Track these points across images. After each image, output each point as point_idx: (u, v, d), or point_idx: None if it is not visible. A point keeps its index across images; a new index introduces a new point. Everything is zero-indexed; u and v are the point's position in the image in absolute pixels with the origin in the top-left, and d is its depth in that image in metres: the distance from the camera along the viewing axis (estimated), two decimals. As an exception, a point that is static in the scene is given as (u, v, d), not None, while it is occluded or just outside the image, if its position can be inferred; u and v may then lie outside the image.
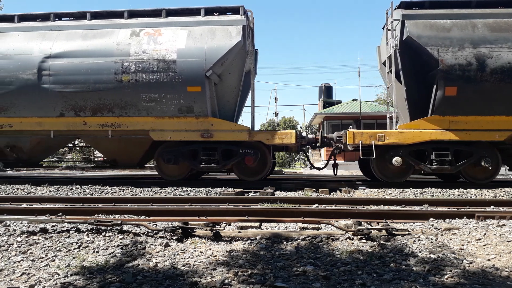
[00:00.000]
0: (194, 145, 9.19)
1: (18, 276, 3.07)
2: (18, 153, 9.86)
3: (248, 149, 9.04)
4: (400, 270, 3.08)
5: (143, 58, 8.85)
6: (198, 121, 9.04)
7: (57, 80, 9.01)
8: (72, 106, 9.13)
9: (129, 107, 9.03)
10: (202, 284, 2.80)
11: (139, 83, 8.84)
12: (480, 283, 2.81)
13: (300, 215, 4.96)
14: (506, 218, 4.72)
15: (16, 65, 9.14)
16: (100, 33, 9.28)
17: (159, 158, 9.38)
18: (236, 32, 8.99)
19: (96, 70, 8.92)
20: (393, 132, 8.75)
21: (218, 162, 9.06)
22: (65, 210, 5.34)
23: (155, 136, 9.09)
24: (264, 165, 9.28)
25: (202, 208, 5.44)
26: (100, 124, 9.21)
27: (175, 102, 8.91)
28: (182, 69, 8.74)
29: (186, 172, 9.47)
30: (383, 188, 8.28)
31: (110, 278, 2.92)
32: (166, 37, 9.03)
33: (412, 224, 4.65)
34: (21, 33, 9.54)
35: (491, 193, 7.70)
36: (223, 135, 9.02)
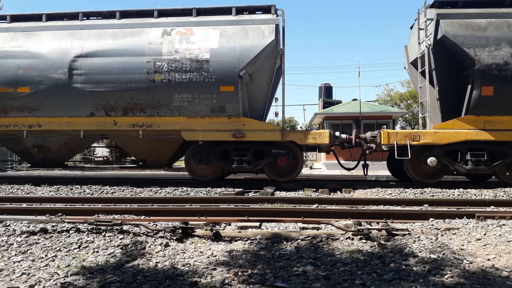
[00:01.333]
0: (226, 145, 9.10)
1: (18, 276, 3.07)
2: (45, 153, 9.79)
3: (280, 149, 8.96)
4: (400, 270, 3.08)
5: (176, 57, 8.78)
6: (230, 121, 8.96)
7: (88, 80, 8.94)
8: (103, 105, 9.05)
9: (161, 107, 8.95)
10: (202, 284, 2.80)
11: (171, 83, 8.77)
12: (480, 283, 2.81)
13: (300, 215, 4.96)
14: (506, 218, 4.72)
15: (46, 65, 9.05)
16: (131, 32, 9.21)
17: (190, 158, 9.31)
18: (269, 31, 8.93)
19: (128, 70, 8.85)
20: (428, 132, 8.67)
21: (250, 162, 8.97)
22: (65, 210, 5.34)
23: (187, 136, 9.01)
24: (296, 165, 9.17)
25: (202, 208, 5.44)
26: (131, 124, 9.13)
27: (207, 102, 8.84)
28: (215, 69, 8.67)
29: (217, 172, 9.40)
30: (383, 188, 8.28)
31: (110, 278, 2.92)
32: (198, 37, 8.97)
33: (412, 224, 4.65)
34: (50, 32, 9.46)
35: (491, 193, 7.70)
36: (255, 135, 8.94)
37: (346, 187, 8.59)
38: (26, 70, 9.09)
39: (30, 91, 9.08)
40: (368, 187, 8.63)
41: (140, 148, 9.53)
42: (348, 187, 8.50)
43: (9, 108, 9.29)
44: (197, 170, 9.43)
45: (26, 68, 9.10)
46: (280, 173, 9.24)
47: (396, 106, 29.27)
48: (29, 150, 9.84)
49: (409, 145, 8.54)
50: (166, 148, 9.44)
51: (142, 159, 9.78)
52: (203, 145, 9.16)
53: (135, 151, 9.74)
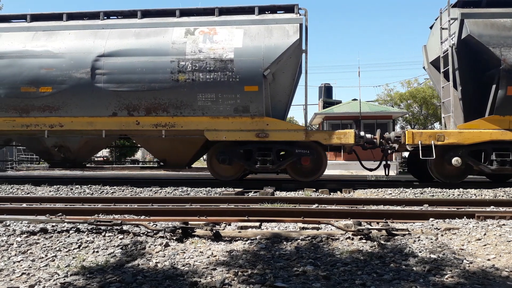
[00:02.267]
0: (249, 145, 9.07)
1: (18, 276, 3.06)
2: (66, 153, 9.74)
3: (304, 149, 8.93)
4: (400, 270, 3.08)
5: (200, 57, 8.75)
6: (253, 121, 8.93)
7: (111, 79, 8.90)
8: (125, 105, 9.02)
9: (185, 107, 8.92)
10: (202, 284, 2.80)
11: (195, 83, 8.75)
12: (480, 283, 2.81)
13: (300, 215, 4.96)
14: (506, 218, 4.72)
15: (69, 64, 9.01)
16: (154, 31, 9.17)
17: (212, 158, 9.29)
18: (293, 30, 8.90)
19: (151, 69, 8.82)
20: (452, 132, 8.65)
21: (273, 163, 8.95)
22: (65, 210, 5.34)
23: (210, 136, 8.98)
24: (320, 165, 9.14)
25: (202, 208, 5.44)
26: (153, 124, 9.09)
27: (231, 102, 8.80)
28: (240, 68, 8.65)
29: (240, 172, 9.37)
30: (383, 188, 8.28)
31: (110, 278, 2.92)
32: (222, 36, 8.94)
33: (412, 224, 4.65)
34: (71, 31, 9.41)
35: (491, 193, 7.70)
36: (279, 135, 8.90)
37: (346, 187, 8.59)
38: (49, 69, 9.04)
39: (52, 90, 9.03)
40: (368, 187, 8.63)
41: (161, 148, 9.48)
42: (348, 187, 8.50)
43: (30, 108, 9.24)
44: (219, 170, 9.38)
45: (48, 67, 9.05)
46: (303, 173, 9.18)
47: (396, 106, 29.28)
48: (49, 150, 9.79)
49: (433, 145, 8.51)
50: (188, 148, 9.41)
51: (163, 159, 9.73)
52: (225, 145, 9.14)
53: (157, 151, 9.69)
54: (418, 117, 27.41)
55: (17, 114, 9.33)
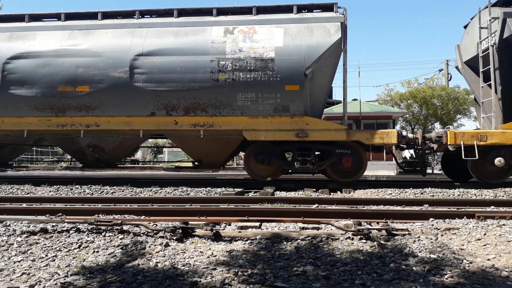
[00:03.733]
0: (288, 145, 9.01)
1: (18, 276, 3.07)
2: (100, 153, 9.68)
3: (345, 149, 8.86)
4: (400, 270, 3.08)
5: (240, 56, 8.68)
6: (293, 121, 8.82)
7: (150, 79, 8.82)
8: (164, 105, 8.93)
9: (224, 107, 8.85)
10: (202, 284, 2.80)
11: (235, 82, 8.68)
12: (480, 283, 2.81)
13: (300, 215, 4.96)
14: (506, 218, 4.72)
15: (106, 63, 8.93)
16: (192, 30, 9.09)
17: (250, 158, 9.22)
18: (335, 29, 8.84)
19: (191, 69, 8.73)
20: (495, 132, 8.59)
21: (313, 163, 8.87)
22: (65, 210, 5.34)
23: (249, 136, 8.87)
24: (360, 166, 9.05)
25: (202, 208, 5.44)
26: (192, 124, 9.01)
27: (271, 102, 8.73)
28: (281, 68, 8.58)
29: (278, 172, 9.29)
30: (383, 188, 8.28)
31: (110, 278, 2.93)
32: (262, 35, 8.87)
33: (412, 224, 4.65)
34: (108, 30, 9.35)
35: (491, 193, 7.70)
36: (319, 135, 8.80)
37: (346, 187, 8.58)
38: (86, 68, 8.96)
39: (89, 90, 8.95)
40: (368, 187, 8.63)
41: (198, 148, 9.41)
42: (348, 187, 8.50)
43: (67, 107, 9.15)
44: (257, 170, 9.28)
45: (85, 66, 8.98)
46: (343, 174, 9.10)
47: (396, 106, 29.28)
48: (83, 150, 9.70)
49: (476, 145, 8.45)
50: (225, 148, 9.34)
51: (198, 159, 9.66)
52: (263, 145, 9.07)
53: (193, 151, 9.62)
54: (418, 117, 27.40)
55: (53, 114, 9.23)
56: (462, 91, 27.41)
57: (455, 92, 27.22)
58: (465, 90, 27.53)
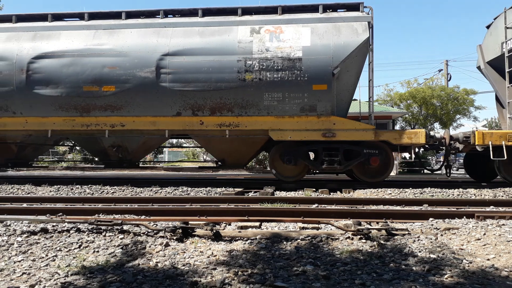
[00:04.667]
0: (314, 145, 8.98)
1: (19, 276, 3.07)
2: (123, 153, 9.63)
3: (372, 149, 8.84)
4: (399, 270, 3.09)
5: (267, 56, 8.67)
6: (320, 120, 8.80)
7: (176, 79, 8.79)
8: (190, 105, 8.91)
9: (250, 107, 8.84)
10: (202, 283, 2.80)
11: (262, 82, 8.66)
12: (479, 282, 2.82)
13: (300, 215, 4.97)
14: (506, 218, 4.73)
15: (132, 63, 8.89)
16: (218, 30, 9.06)
17: (275, 158, 9.20)
18: (362, 28, 8.83)
19: (217, 69, 8.71)
20: None
21: (341, 163, 8.84)
22: (66, 210, 5.35)
23: (275, 136, 8.86)
24: (387, 166, 9.04)
25: (202, 208, 5.45)
26: (217, 124, 9.00)
27: (298, 101, 8.71)
28: (308, 67, 8.56)
29: (304, 172, 9.26)
30: (383, 188, 8.28)
31: (111, 277, 2.93)
32: (289, 35, 8.84)
33: (412, 224, 4.66)
34: (133, 30, 9.30)
35: (490, 193, 7.71)
36: (346, 135, 8.78)
37: (346, 187, 8.59)
38: (112, 68, 8.93)
39: (115, 90, 8.92)
40: (367, 187, 8.64)
41: (222, 148, 9.39)
42: (348, 187, 8.51)
43: (92, 107, 9.13)
44: (283, 170, 9.25)
45: (111, 66, 8.95)
46: (370, 174, 9.09)
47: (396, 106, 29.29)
48: (106, 150, 9.66)
49: (504, 145, 8.43)
50: (249, 148, 9.33)
51: (222, 159, 9.64)
52: (289, 145, 9.04)
53: (217, 151, 9.59)
54: (417, 117, 27.41)
55: (78, 114, 9.21)
56: (461, 91, 27.42)
57: (455, 92, 27.23)
58: (465, 90, 27.54)
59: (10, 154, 10.12)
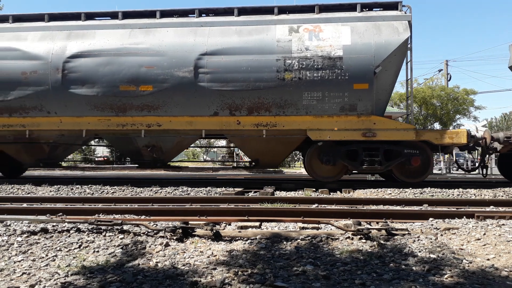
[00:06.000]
0: (354, 145, 8.84)
1: (19, 276, 3.07)
2: (157, 153, 9.56)
3: (413, 149, 8.77)
4: (399, 270, 3.09)
5: (307, 55, 8.58)
6: (360, 120, 8.71)
7: (214, 78, 8.71)
8: (228, 105, 8.83)
9: (288, 106, 8.74)
10: (202, 283, 2.80)
11: (302, 81, 8.58)
12: (479, 282, 2.82)
13: (300, 215, 4.97)
14: (506, 218, 4.73)
15: (170, 62, 8.79)
16: (256, 29, 8.96)
17: (312, 158, 9.10)
18: (403, 27, 8.77)
19: (256, 68, 8.62)
20: None
21: (381, 163, 8.77)
22: (66, 210, 5.35)
23: (314, 135, 8.76)
24: (427, 166, 8.96)
25: (202, 208, 5.45)
26: (255, 124, 8.92)
27: (338, 100, 8.63)
28: (349, 66, 8.49)
29: (342, 173, 9.19)
30: (383, 188, 8.28)
31: (111, 277, 2.93)
32: (328, 33, 8.77)
33: (412, 224, 4.66)
34: (169, 29, 9.19)
35: (490, 193, 7.71)
36: (387, 134, 8.69)
37: (346, 187, 8.59)
38: (149, 68, 8.83)
39: (153, 89, 8.83)
40: (367, 187, 8.64)
41: (257, 148, 9.29)
42: (348, 187, 8.50)
43: (128, 107, 9.04)
44: (320, 170, 9.15)
45: (149, 66, 8.85)
46: (410, 174, 9.01)
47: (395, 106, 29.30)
48: (141, 150, 9.58)
49: None
50: (285, 148, 9.26)
51: (256, 159, 9.57)
52: (327, 145, 8.96)
53: (252, 151, 9.49)
54: (417, 117, 27.43)
55: (113, 114, 9.14)
56: (461, 91, 27.44)
57: (455, 92, 27.26)
58: (465, 90, 27.55)
59: (42, 154, 10.01)
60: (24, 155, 10.07)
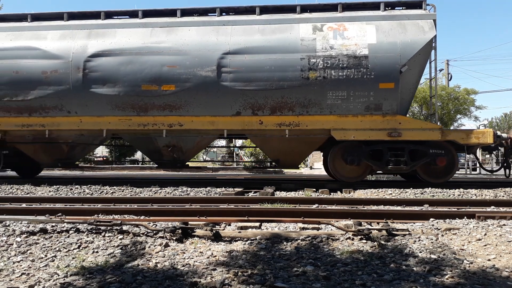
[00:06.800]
0: (379, 145, 8.80)
1: (18, 276, 3.06)
2: (177, 153, 9.51)
3: (438, 148, 8.74)
4: (400, 270, 3.08)
5: (331, 54, 8.53)
6: (385, 120, 8.66)
7: (237, 78, 8.65)
8: (250, 104, 8.77)
9: (312, 105, 8.68)
10: (202, 284, 2.79)
11: (326, 80, 8.51)
12: (480, 283, 2.81)
13: (300, 215, 4.95)
14: (507, 218, 4.71)
15: (193, 62, 8.73)
16: (279, 28, 8.90)
17: (336, 158, 9.05)
18: (429, 26, 8.71)
19: (280, 67, 8.56)
20: None
21: (407, 163, 8.73)
22: (65, 210, 5.33)
23: (338, 135, 8.71)
24: (452, 166, 8.91)
25: (202, 208, 5.44)
26: (277, 124, 8.86)
27: (363, 100, 8.57)
28: (375, 65, 8.45)
29: (366, 173, 9.14)
30: (383, 188, 8.27)
31: (110, 278, 2.92)
32: (353, 32, 8.72)
33: (413, 224, 4.64)
34: (191, 28, 9.12)
35: (491, 193, 7.70)
36: (412, 134, 8.64)
37: (346, 187, 8.58)
38: (171, 67, 8.76)
39: (175, 89, 8.77)
40: (368, 187, 8.62)
41: (279, 148, 9.23)
42: (348, 187, 8.49)
43: (150, 107, 8.97)
44: (343, 170, 9.10)
45: (171, 65, 8.76)
46: (436, 174, 8.96)
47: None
48: (161, 150, 9.53)
49: None
50: (307, 147, 9.22)
51: (276, 159, 9.52)
52: (351, 145, 8.93)
53: (273, 151, 9.42)
54: (418, 117, 27.43)
55: (135, 113, 9.07)
56: (462, 91, 27.41)
57: (455, 92, 27.22)
58: (465, 90, 27.51)
59: (61, 154, 9.95)
60: (43, 155, 10.01)
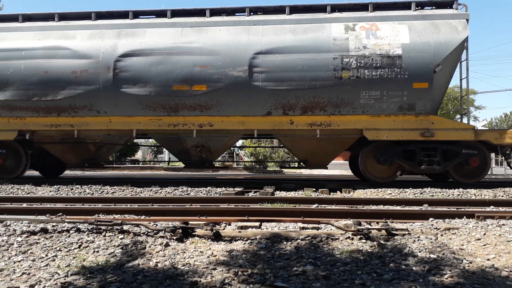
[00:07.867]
0: (411, 145, 8.72)
1: (19, 276, 3.07)
2: (206, 153, 9.48)
3: (470, 149, 8.70)
4: (399, 270, 3.09)
5: (365, 53, 8.47)
6: (418, 119, 8.62)
7: (269, 78, 8.59)
8: (282, 104, 8.72)
9: (344, 105, 8.63)
10: (202, 283, 2.80)
11: (360, 80, 8.44)
12: (479, 283, 2.82)
13: (300, 215, 4.97)
14: (506, 218, 4.73)
15: (224, 62, 8.67)
16: (310, 28, 8.83)
17: (367, 158, 9.02)
18: (462, 26, 8.68)
19: (312, 67, 8.50)
20: None
21: (439, 163, 8.66)
22: (66, 210, 5.34)
23: (370, 135, 8.65)
24: (484, 166, 8.87)
25: (202, 208, 5.45)
26: (308, 123, 8.80)
27: (396, 100, 8.55)
28: (409, 65, 8.38)
29: (396, 173, 9.10)
30: (383, 188, 8.28)
31: (111, 277, 2.93)
32: (386, 32, 8.70)
33: (412, 224, 4.66)
34: (221, 27, 9.06)
35: (490, 193, 7.70)
36: (445, 134, 8.59)
37: (346, 187, 8.59)
38: (203, 67, 8.71)
39: (207, 89, 8.73)
40: (368, 187, 8.64)
41: (308, 148, 9.18)
42: (348, 187, 8.51)
43: (180, 107, 8.93)
44: (375, 171, 9.06)
45: (202, 65, 8.70)
46: (467, 175, 8.93)
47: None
48: (189, 150, 9.49)
49: None
50: (336, 147, 9.15)
51: (304, 160, 9.46)
52: (382, 145, 8.90)
53: (302, 151, 9.35)
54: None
55: (165, 113, 9.02)
56: (462, 91, 27.38)
57: (455, 92, 27.22)
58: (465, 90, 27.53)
59: (88, 154, 9.92)
60: (70, 155, 9.97)
